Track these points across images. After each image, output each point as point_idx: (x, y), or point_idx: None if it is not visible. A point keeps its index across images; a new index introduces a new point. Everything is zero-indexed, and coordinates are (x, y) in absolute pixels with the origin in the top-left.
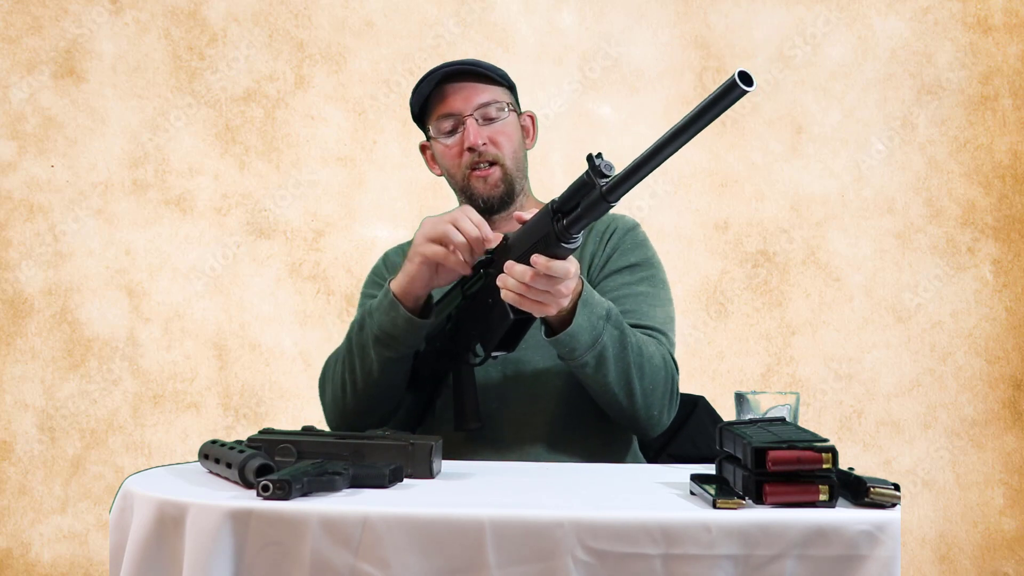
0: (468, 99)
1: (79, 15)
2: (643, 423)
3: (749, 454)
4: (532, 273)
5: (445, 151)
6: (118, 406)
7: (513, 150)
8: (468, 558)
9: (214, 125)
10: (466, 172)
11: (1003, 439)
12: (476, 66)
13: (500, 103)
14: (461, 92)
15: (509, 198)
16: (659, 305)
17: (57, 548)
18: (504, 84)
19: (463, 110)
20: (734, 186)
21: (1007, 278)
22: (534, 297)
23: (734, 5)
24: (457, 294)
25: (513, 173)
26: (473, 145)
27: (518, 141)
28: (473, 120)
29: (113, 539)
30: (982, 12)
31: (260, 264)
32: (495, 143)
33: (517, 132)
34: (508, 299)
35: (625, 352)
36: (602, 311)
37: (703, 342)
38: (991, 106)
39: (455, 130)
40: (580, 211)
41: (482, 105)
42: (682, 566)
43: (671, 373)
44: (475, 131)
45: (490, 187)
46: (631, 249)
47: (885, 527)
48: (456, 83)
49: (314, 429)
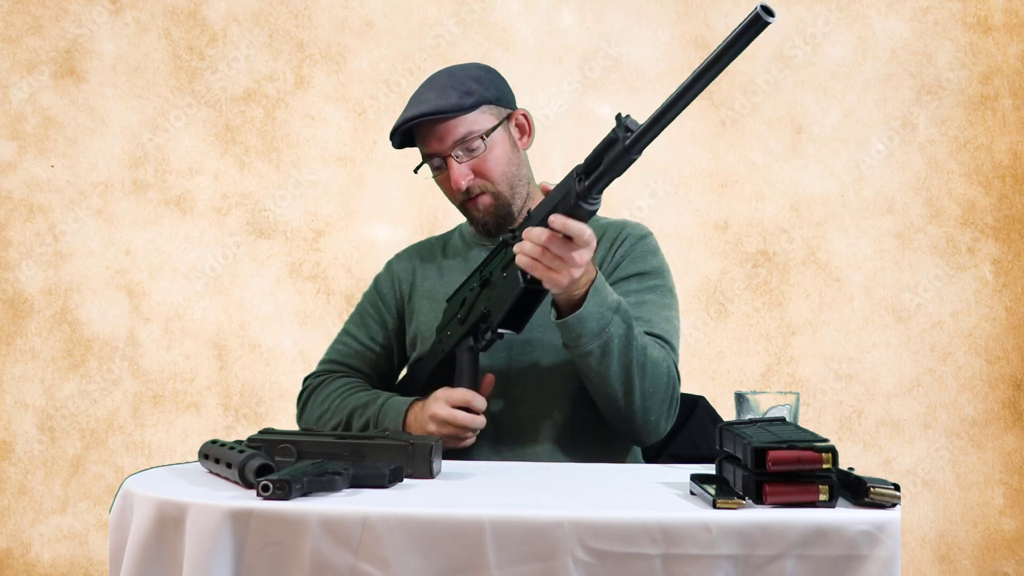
0: (443, 139)
1: (79, 15)
2: (640, 427)
3: (749, 454)
4: (548, 234)
5: (440, 185)
6: (118, 406)
7: (502, 171)
8: (468, 558)
9: (214, 125)
10: (462, 202)
11: (1003, 439)
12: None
13: (475, 133)
14: (435, 133)
15: (507, 218)
16: (666, 315)
17: (57, 548)
18: (479, 103)
19: (442, 150)
20: (734, 186)
21: (1007, 278)
22: (547, 262)
23: (734, 5)
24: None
25: (506, 194)
26: (458, 188)
27: (506, 159)
28: (454, 160)
29: (113, 539)
30: (982, 12)
31: (260, 264)
32: (481, 173)
33: (504, 148)
34: (522, 263)
35: (630, 348)
36: (613, 303)
37: (703, 342)
38: (991, 106)
39: (442, 168)
40: (603, 168)
41: (458, 141)
42: (682, 566)
43: (673, 381)
44: (457, 174)
45: (484, 213)
46: (641, 257)
47: (885, 527)
48: (428, 125)
49: (314, 429)
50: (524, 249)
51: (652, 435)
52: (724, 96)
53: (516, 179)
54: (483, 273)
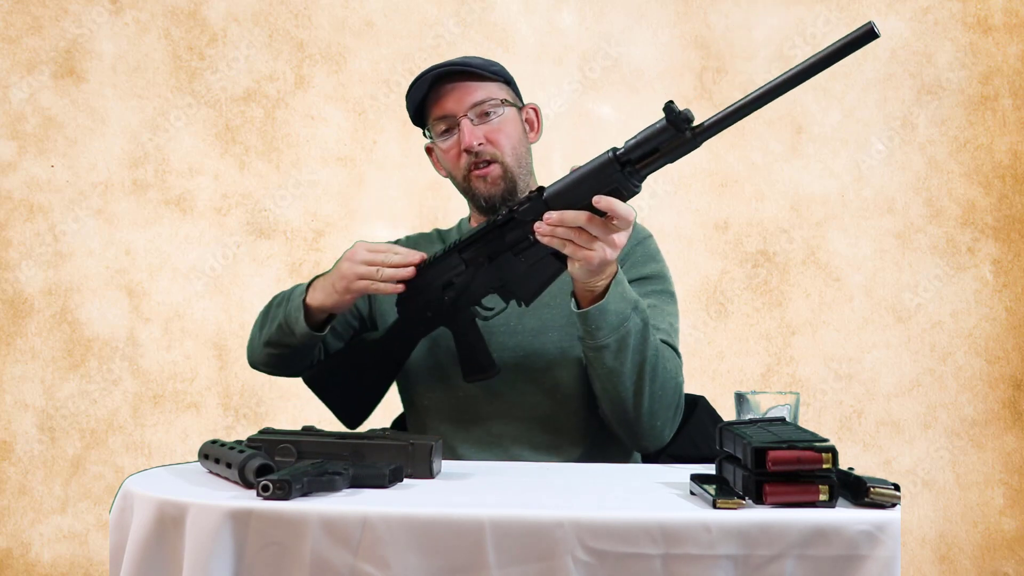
0: (460, 99)
1: (79, 15)
2: (644, 431)
3: (749, 454)
4: (587, 215)
5: (444, 154)
6: (118, 406)
7: (512, 146)
8: (468, 558)
9: (214, 125)
10: (466, 173)
11: (1003, 439)
12: (466, 65)
13: (495, 100)
14: (453, 93)
15: (511, 195)
16: (671, 320)
17: (57, 548)
18: (500, 79)
19: (456, 111)
20: (734, 186)
21: (1007, 278)
22: (582, 242)
23: (734, 5)
24: (456, 261)
25: (514, 169)
26: (468, 147)
27: (518, 136)
28: (468, 120)
29: (113, 539)
30: (982, 12)
31: (260, 264)
32: (492, 141)
33: (517, 127)
34: (554, 244)
35: (645, 346)
36: (632, 298)
37: (703, 342)
38: (991, 106)
39: (451, 131)
40: (660, 152)
41: (476, 104)
42: (682, 566)
43: (680, 388)
44: (470, 132)
45: (490, 185)
46: (643, 261)
47: (885, 527)
48: (448, 84)
49: (314, 429)
50: (557, 232)
51: (656, 441)
52: (724, 96)
53: (523, 161)
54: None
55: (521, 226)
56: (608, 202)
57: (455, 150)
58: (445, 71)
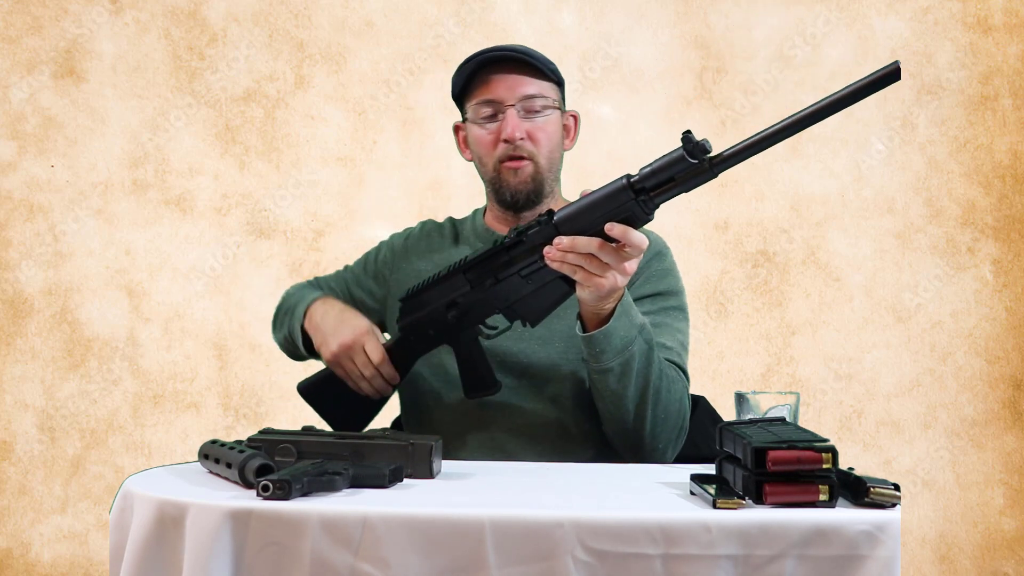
0: (513, 88)
1: (79, 15)
2: (647, 452)
3: (749, 454)
4: (599, 242)
5: (480, 137)
6: (118, 406)
7: (550, 149)
8: (468, 558)
9: (214, 125)
10: (497, 163)
11: (1003, 439)
12: (528, 56)
13: (545, 98)
14: (507, 80)
15: (537, 197)
16: (680, 339)
17: (57, 548)
18: (554, 79)
19: (506, 99)
20: (734, 186)
21: (1007, 278)
22: (592, 269)
23: (734, 5)
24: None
25: (545, 172)
26: (510, 137)
27: (556, 140)
28: (514, 111)
29: (113, 539)
30: (982, 12)
31: (260, 264)
32: (533, 139)
33: (557, 131)
34: (564, 269)
35: (649, 370)
36: (638, 322)
37: (703, 342)
38: (991, 106)
39: (494, 117)
40: (676, 180)
41: (526, 97)
42: (682, 566)
43: (685, 410)
44: (515, 123)
45: (520, 181)
46: (658, 276)
47: (885, 527)
48: (504, 70)
49: (314, 429)
50: (567, 258)
51: (658, 461)
52: (724, 96)
53: (555, 166)
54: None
55: (530, 250)
56: (622, 230)
57: (493, 136)
58: (506, 55)
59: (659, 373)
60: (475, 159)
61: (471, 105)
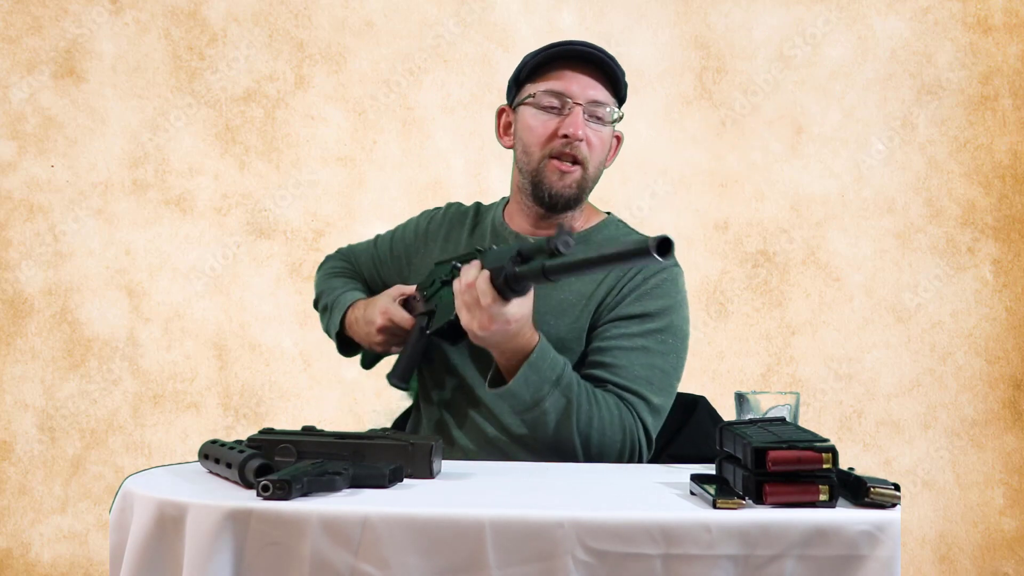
0: (585, 89)
1: (79, 15)
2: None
3: (749, 454)
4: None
5: (535, 125)
6: (118, 406)
7: (598, 161)
8: (468, 558)
9: (214, 125)
10: (547, 157)
11: (1003, 439)
12: (612, 65)
13: (612, 109)
14: (581, 79)
15: (575, 203)
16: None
17: (57, 548)
18: (621, 95)
19: (578, 96)
20: (734, 186)
21: (1007, 278)
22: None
23: (734, 5)
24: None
25: (589, 182)
26: (573, 134)
27: (604, 154)
28: (581, 111)
29: (113, 539)
30: (982, 12)
31: (260, 264)
32: (589, 144)
33: (607, 146)
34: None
35: (569, 421)
36: (552, 375)
37: (703, 342)
38: (991, 106)
39: (558, 111)
40: (524, 272)
41: (596, 102)
42: (682, 566)
43: (632, 438)
44: (580, 122)
45: (564, 185)
46: (649, 296)
47: (885, 527)
48: (581, 69)
49: (314, 429)
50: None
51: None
52: (724, 96)
53: (598, 176)
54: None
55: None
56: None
57: (551, 128)
58: (591, 55)
59: (586, 420)
60: (519, 146)
61: (537, 91)
